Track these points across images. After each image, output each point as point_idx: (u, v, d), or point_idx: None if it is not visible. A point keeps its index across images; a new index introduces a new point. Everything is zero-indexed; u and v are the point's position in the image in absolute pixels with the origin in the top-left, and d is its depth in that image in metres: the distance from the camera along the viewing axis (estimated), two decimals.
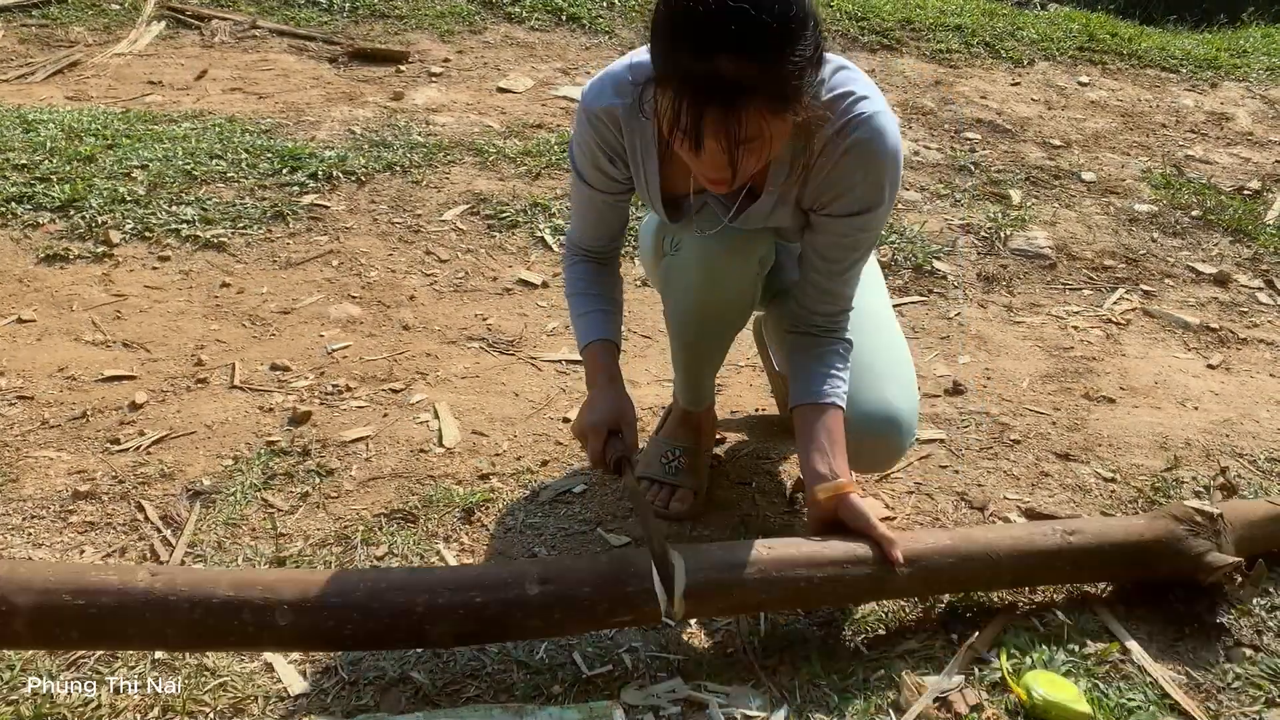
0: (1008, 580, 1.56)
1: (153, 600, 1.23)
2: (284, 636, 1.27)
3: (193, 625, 1.23)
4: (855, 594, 1.49)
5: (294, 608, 1.25)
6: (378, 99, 3.73)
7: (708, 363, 1.78)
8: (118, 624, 1.23)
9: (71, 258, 2.47)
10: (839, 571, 1.42)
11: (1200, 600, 1.57)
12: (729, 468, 1.95)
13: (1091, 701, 1.39)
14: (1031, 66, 4.92)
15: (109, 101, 3.53)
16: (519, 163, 3.21)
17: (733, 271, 1.55)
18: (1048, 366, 2.42)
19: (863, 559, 1.43)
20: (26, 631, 1.22)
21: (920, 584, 1.49)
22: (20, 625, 1.21)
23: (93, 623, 1.22)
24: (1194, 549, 1.55)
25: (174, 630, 1.24)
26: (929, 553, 1.47)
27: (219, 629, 1.24)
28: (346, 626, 1.26)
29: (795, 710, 1.37)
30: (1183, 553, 1.55)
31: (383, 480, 1.82)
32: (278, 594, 1.25)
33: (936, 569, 1.47)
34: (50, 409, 1.94)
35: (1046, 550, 1.52)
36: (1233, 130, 4.39)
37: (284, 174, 2.95)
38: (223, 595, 1.24)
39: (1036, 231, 3.14)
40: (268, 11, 4.57)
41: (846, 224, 1.48)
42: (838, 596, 1.48)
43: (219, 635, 1.26)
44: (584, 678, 1.40)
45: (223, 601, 1.24)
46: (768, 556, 1.40)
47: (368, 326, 2.34)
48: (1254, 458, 2.07)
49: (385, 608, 1.27)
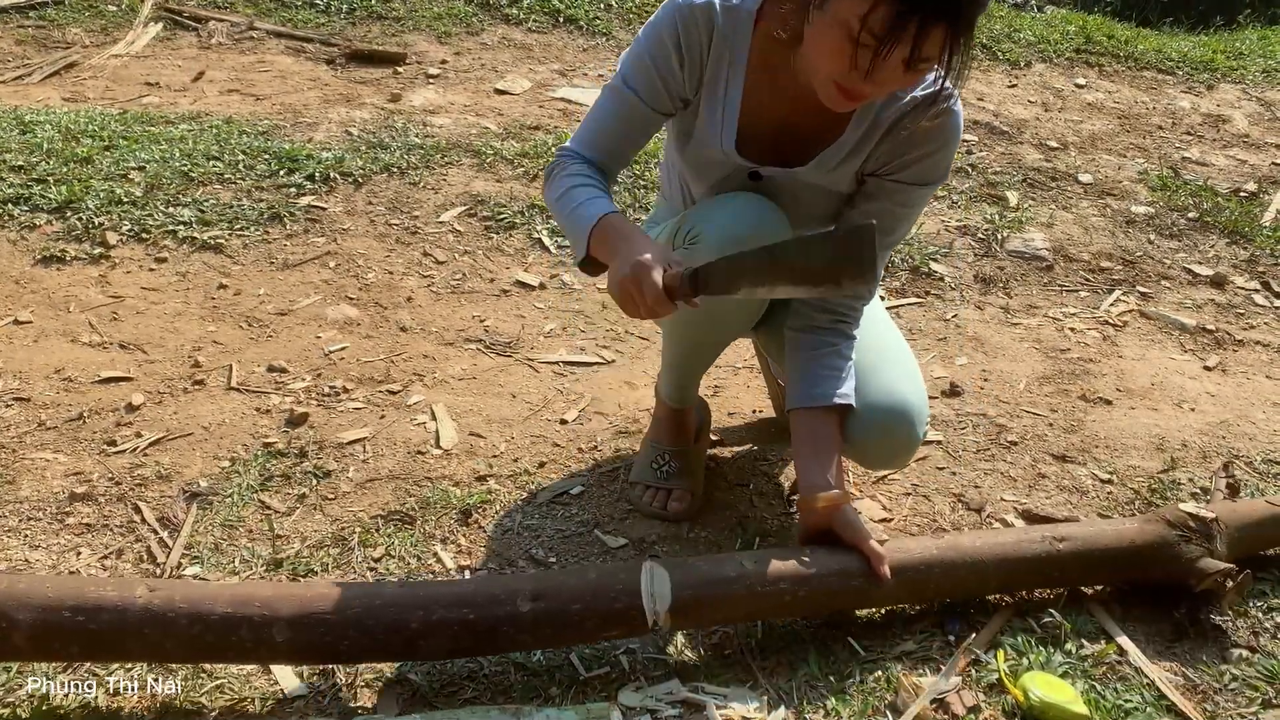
0: (995, 587, 1.56)
1: (151, 616, 1.25)
2: (280, 651, 1.29)
3: (191, 640, 1.25)
4: (840, 605, 1.50)
5: (291, 623, 1.27)
6: (375, 100, 3.73)
7: (706, 364, 1.78)
8: (117, 638, 1.25)
9: (68, 259, 2.47)
10: (825, 585, 1.43)
11: (1196, 603, 1.58)
12: (727, 469, 1.95)
13: (1089, 702, 1.39)
14: (1029, 68, 4.92)
15: (106, 103, 3.53)
16: (516, 164, 3.21)
17: None
18: (1045, 368, 2.42)
19: (850, 573, 1.44)
20: (27, 646, 1.24)
21: (906, 594, 1.51)
22: (20, 640, 1.23)
23: (92, 637, 1.24)
24: (1186, 554, 1.55)
25: (173, 644, 1.26)
26: (915, 564, 1.48)
27: (217, 645, 1.26)
28: (342, 642, 1.28)
29: (793, 711, 1.37)
30: (1175, 558, 1.55)
31: (380, 482, 1.82)
32: (275, 610, 1.27)
33: (922, 580, 1.49)
34: (47, 410, 1.94)
35: (1034, 557, 1.53)
36: (1229, 132, 4.39)
37: (281, 175, 2.95)
38: (221, 611, 1.26)
39: (1034, 233, 3.14)
40: (265, 13, 4.57)
41: (906, 192, 1.50)
42: (823, 608, 1.49)
43: (217, 650, 1.28)
44: (581, 679, 1.40)
45: (221, 618, 1.26)
46: (753, 570, 1.41)
47: (365, 328, 2.34)
48: (1250, 459, 2.08)
49: (380, 624, 1.29)
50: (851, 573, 1.44)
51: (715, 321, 1.61)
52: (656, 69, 1.44)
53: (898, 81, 1.27)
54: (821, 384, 1.53)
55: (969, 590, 1.55)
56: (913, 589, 1.49)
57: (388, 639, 1.29)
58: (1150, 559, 1.56)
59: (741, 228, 1.44)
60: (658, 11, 1.44)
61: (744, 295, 1.30)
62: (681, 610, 1.35)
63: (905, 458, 1.63)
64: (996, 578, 1.53)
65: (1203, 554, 1.55)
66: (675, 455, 1.82)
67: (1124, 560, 1.56)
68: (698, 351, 1.72)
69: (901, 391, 1.55)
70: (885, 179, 1.50)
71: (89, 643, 1.24)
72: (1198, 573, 1.54)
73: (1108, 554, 1.55)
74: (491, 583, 1.44)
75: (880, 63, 1.21)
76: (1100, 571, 1.58)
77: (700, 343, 1.69)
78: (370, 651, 1.31)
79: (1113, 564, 1.56)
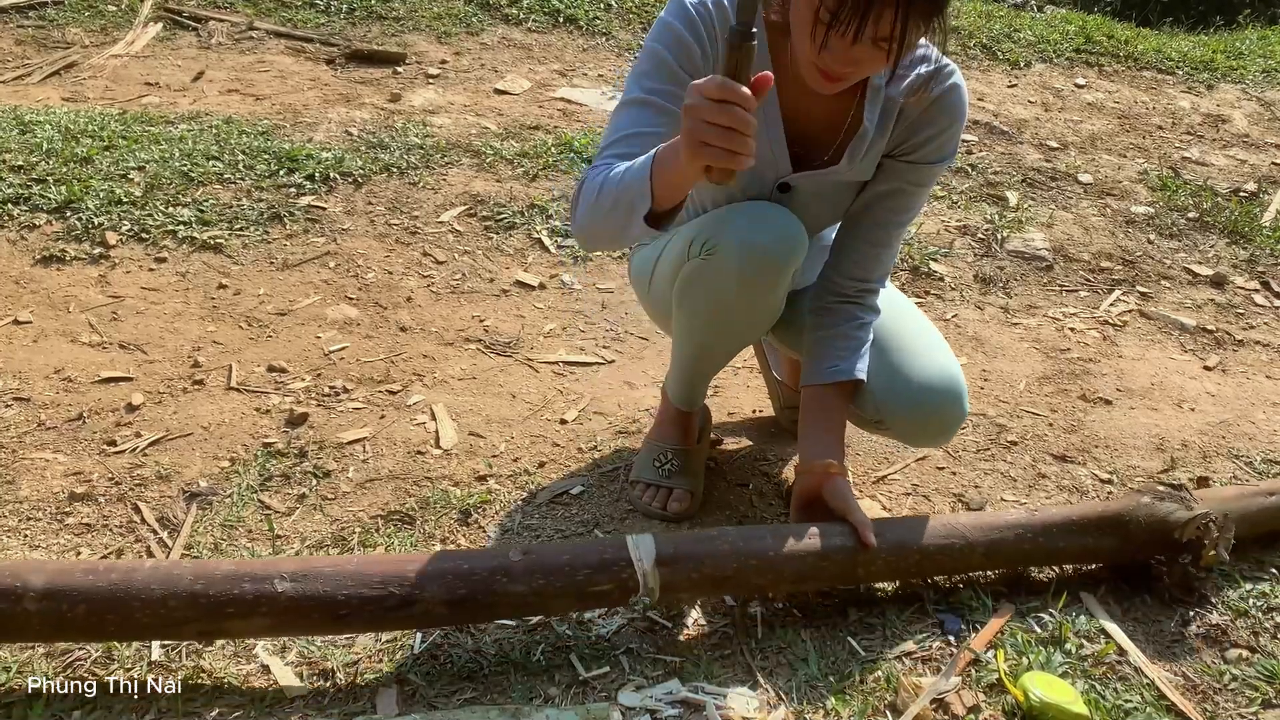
0: (980, 559, 1.57)
1: (157, 574, 1.31)
2: (281, 606, 1.31)
3: (194, 596, 1.29)
4: (830, 573, 1.51)
5: (291, 577, 1.32)
6: (375, 100, 3.73)
7: (717, 368, 1.78)
8: (123, 601, 1.28)
9: (68, 259, 2.47)
10: (810, 547, 1.47)
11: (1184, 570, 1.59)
12: (726, 469, 1.95)
13: (1089, 703, 1.39)
14: (1028, 68, 4.92)
15: (106, 103, 3.53)
16: (516, 164, 3.21)
17: (777, 277, 1.49)
18: (1045, 368, 2.42)
19: (834, 545, 1.48)
20: (36, 611, 1.27)
21: (890, 568, 1.53)
22: (30, 602, 1.26)
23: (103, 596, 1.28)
24: (1163, 510, 1.58)
25: (176, 601, 1.29)
26: (897, 532, 1.52)
27: (219, 600, 1.30)
28: (341, 593, 1.32)
29: (792, 711, 1.37)
30: (1154, 515, 1.58)
31: (380, 482, 1.82)
32: (277, 567, 1.34)
33: (904, 550, 1.51)
34: (47, 411, 1.94)
35: (1013, 523, 1.56)
36: (1229, 132, 4.39)
37: (281, 175, 2.95)
38: (223, 570, 1.33)
39: (1034, 233, 3.14)
40: (265, 13, 4.57)
41: (919, 171, 1.54)
42: (811, 572, 1.50)
43: (218, 606, 1.30)
44: (581, 679, 1.40)
45: (224, 575, 1.32)
46: (736, 532, 1.48)
47: (365, 328, 2.34)
48: (1250, 459, 2.08)
49: (378, 575, 1.34)
50: (835, 544, 1.48)
51: (729, 327, 1.61)
52: (678, 63, 1.41)
53: (869, 59, 1.27)
54: (834, 359, 1.55)
55: (955, 563, 1.56)
56: (897, 564, 1.52)
57: (385, 592, 1.33)
58: (1129, 521, 1.58)
59: (762, 236, 1.45)
60: (656, 22, 1.44)
61: None
62: (667, 562, 1.40)
63: (952, 433, 1.63)
64: (982, 549, 1.54)
65: (1178, 509, 1.58)
66: (677, 454, 1.82)
67: (1103, 525, 1.58)
68: (709, 355, 1.72)
69: (947, 368, 1.57)
70: (899, 159, 1.53)
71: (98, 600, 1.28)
72: (1178, 523, 1.57)
73: (1087, 520, 1.58)
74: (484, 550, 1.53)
75: (840, 40, 1.23)
76: (1082, 537, 1.58)
77: (713, 347, 1.68)
78: (368, 604, 1.33)
79: (1093, 529, 1.58)
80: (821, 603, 1.57)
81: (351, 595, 1.32)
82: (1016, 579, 1.65)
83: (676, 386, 1.81)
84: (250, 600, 1.30)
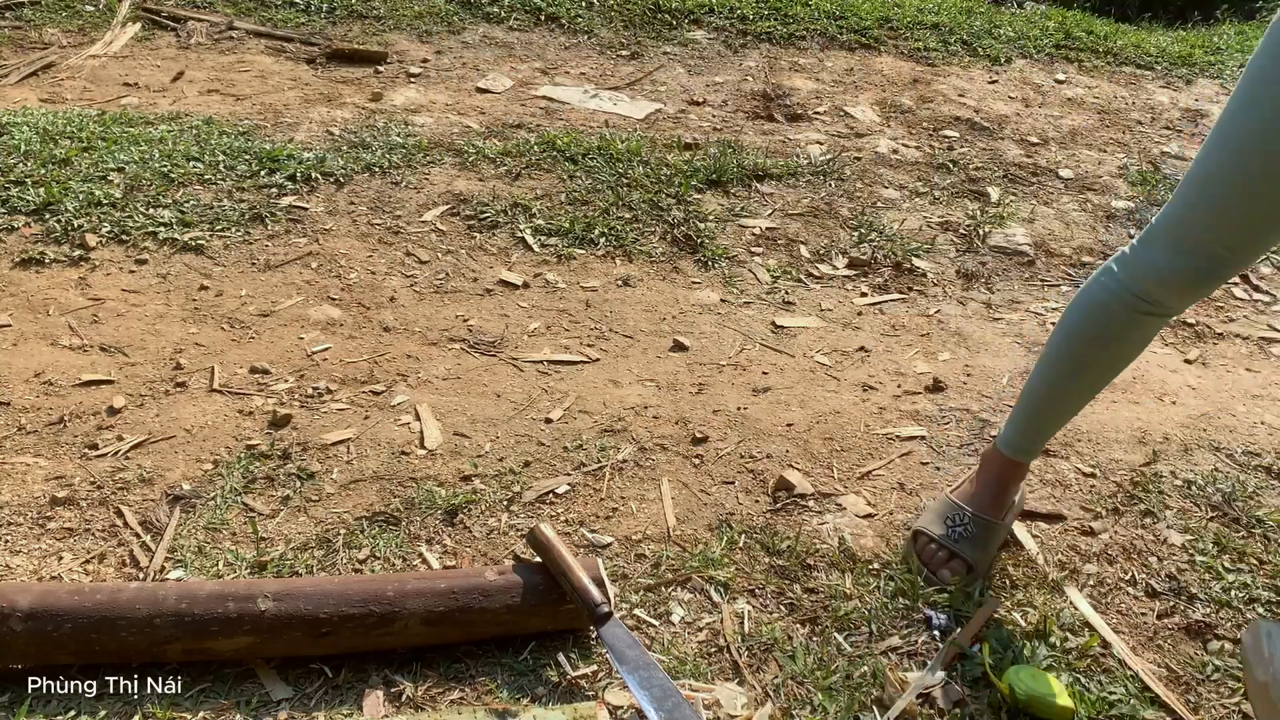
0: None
1: (142, 594, 1.34)
2: (265, 625, 1.34)
3: (179, 616, 1.32)
4: None
5: (274, 596, 1.35)
6: (356, 100, 3.71)
7: (1088, 398, 1.60)
8: (109, 620, 1.31)
9: (48, 261, 2.45)
10: None
11: None
12: (712, 467, 1.95)
13: (1073, 695, 1.40)
14: (1009, 64, 4.95)
15: (84, 104, 3.50)
16: (499, 163, 3.20)
17: None
18: (1027, 363, 2.43)
19: None
20: (23, 631, 1.29)
21: None
22: (16, 623, 1.28)
23: (89, 616, 1.30)
24: None
25: (161, 620, 1.31)
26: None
27: (203, 618, 1.32)
28: (322, 611, 1.35)
29: (779, 708, 1.37)
30: None
31: (364, 483, 1.81)
32: (260, 586, 1.37)
33: None
34: (27, 414, 1.93)
35: None
36: (1207, 127, 4.42)
37: (262, 176, 2.93)
38: (208, 589, 1.36)
39: (1015, 228, 3.16)
40: (245, 12, 4.54)
41: None
42: None
43: (202, 624, 1.32)
44: (569, 679, 1.40)
45: (208, 594, 1.35)
46: None
47: (348, 328, 2.33)
48: (1231, 451, 2.09)
49: (359, 594, 1.37)
50: None
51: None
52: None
53: None
54: None
55: None
56: None
57: (366, 610, 1.37)
58: None
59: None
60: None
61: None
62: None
63: None
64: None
65: None
66: (976, 522, 1.64)
67: None
68: (1086, 377, 1.52)
69: None
70: None
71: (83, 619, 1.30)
72: None
73: None
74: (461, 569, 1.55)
75: None
76: None
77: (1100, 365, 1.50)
78: (349, 623, 1.35)
79: None
80: (809, 597, 1.58)
81: (333, 614, 1.35)
82: (1001, 573, 1.65)
83: (1019, 427, 1.61)
84: (234, 619, 1.33)
